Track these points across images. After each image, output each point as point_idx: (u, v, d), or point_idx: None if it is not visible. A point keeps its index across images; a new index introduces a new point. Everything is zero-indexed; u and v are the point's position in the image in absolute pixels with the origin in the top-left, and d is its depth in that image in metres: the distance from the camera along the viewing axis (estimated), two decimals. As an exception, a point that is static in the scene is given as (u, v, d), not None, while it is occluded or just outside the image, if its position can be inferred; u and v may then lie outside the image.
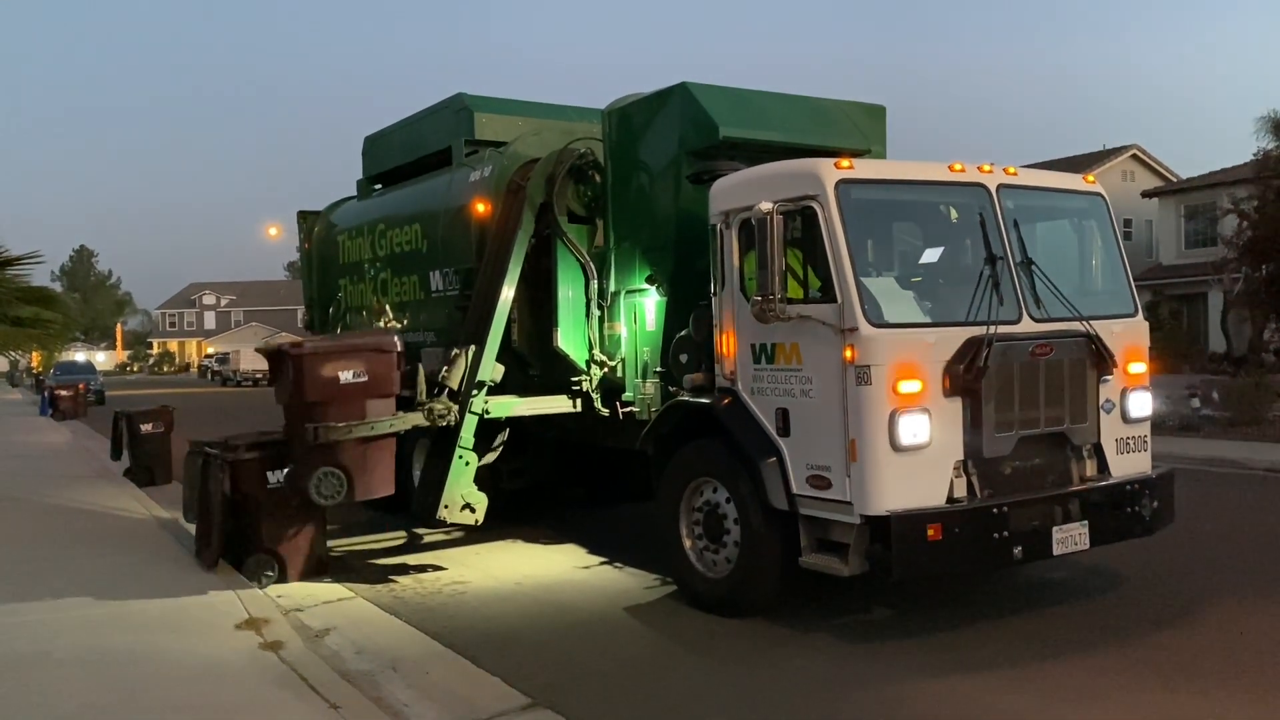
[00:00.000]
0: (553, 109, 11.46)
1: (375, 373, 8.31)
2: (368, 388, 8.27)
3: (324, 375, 8.15)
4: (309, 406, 8.17)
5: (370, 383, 8.27)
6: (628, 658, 6.74)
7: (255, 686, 5.86)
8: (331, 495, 8.17)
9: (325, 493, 8.14)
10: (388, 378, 8.45)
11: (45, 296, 14.98)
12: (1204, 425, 18.55)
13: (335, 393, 8.17)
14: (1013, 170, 7.42)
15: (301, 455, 8.23)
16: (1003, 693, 5.80)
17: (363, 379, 8.23)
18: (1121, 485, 7.25)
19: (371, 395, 8.32)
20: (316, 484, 8.12)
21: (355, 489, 8.27)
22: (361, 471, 8.29)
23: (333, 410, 8.17)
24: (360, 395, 8.26)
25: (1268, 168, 27.75)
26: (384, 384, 8.41)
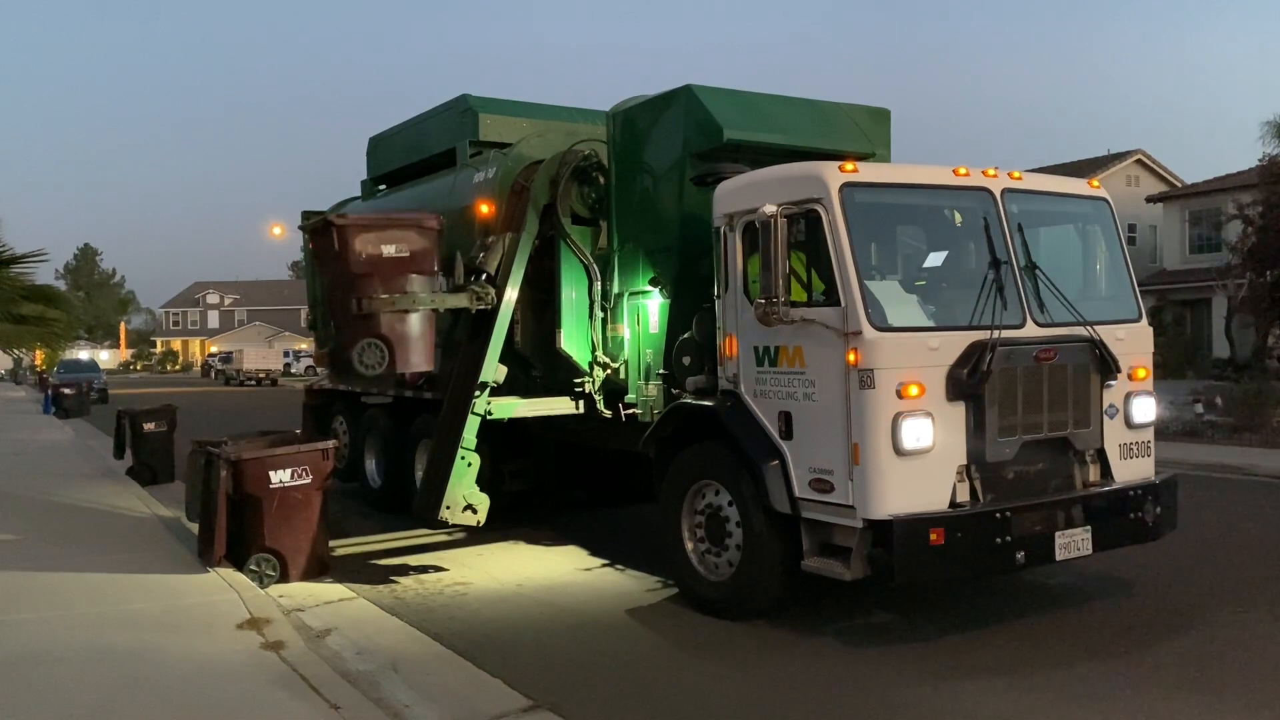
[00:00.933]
0: (557, 110, 11.46)
1: (417, 249, 8.59)
2: (409, 263, 8.55)
3: (368, 249, 8.38)
4: (353, 279, 8.40)
5: (411, 259, 8.55)
6: (629, 660, 6.73)
7: (256, 686, 5.86)
8: (374, 365, 8.44)
9: (368, 362, 8.39)
10: (429, 255, 8.75)
11: (49, 295, 14.99)
12: (1207, 431, 18.51)
13: (378, 266, 8.42)
14: (1017, 174, 7.41)
15: (346, 327, 8.47)
16: (1005, 697, 5.79)
17: (405, 254, 8.51)
18: (1125, 491, 7.23)
19: (412, 271, 8.60)
20: (360, 353, 8.37)
21: (395, 360, 8.54)
22: (402, 344, 8.57)
23: (375, 283, 8.43)
24: (402, 270, 8.55)
25: (1273, 173, 27.73)
26: (425, 260, 8.72)
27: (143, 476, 14.54)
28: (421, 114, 12.22)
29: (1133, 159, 41.77)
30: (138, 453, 15.09)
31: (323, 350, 14.47)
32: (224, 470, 8.48)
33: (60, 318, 15.16)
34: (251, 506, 8.58)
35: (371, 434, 12.72)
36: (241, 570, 8.44)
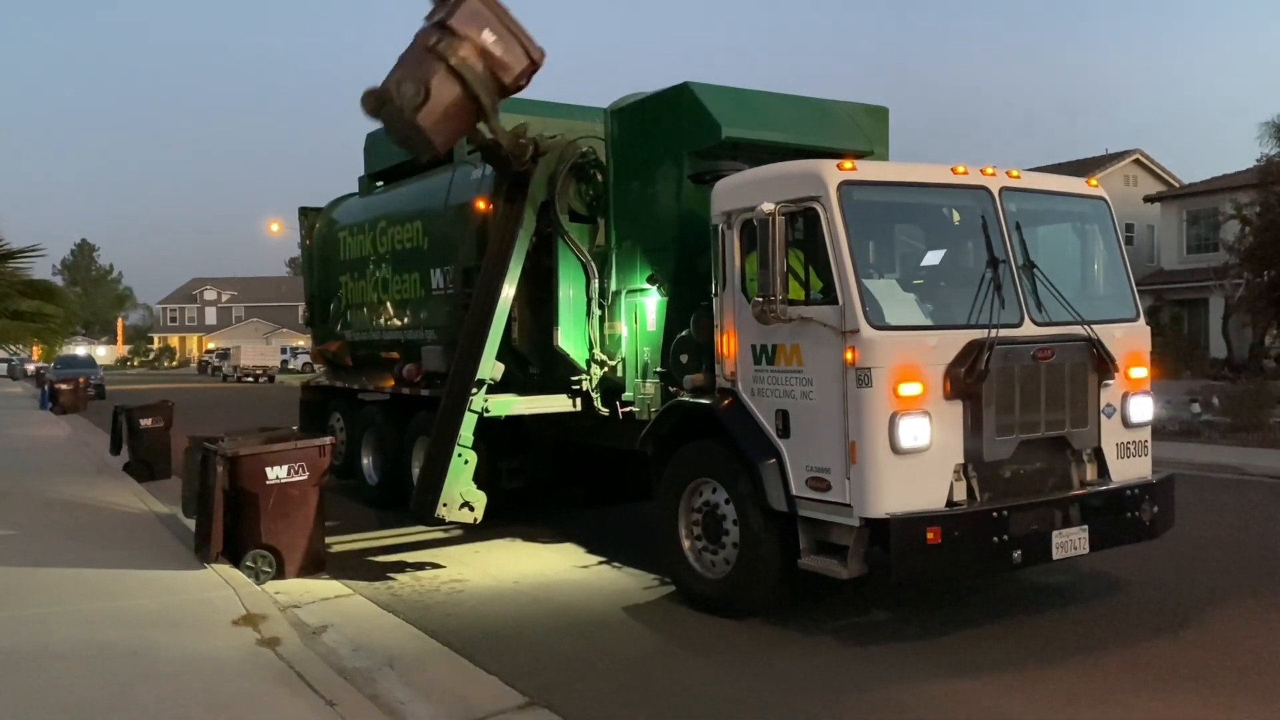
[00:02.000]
0: (555, 107, 11.43)
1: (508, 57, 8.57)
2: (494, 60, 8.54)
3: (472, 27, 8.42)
4: (444, 26, 8.41)
5: (499, 59, 8.56)
6: (625, 657, 6.73)
7: (252, 683, 5.85)
8: (409, 97, 8.36)
9: (405, 92, 8.37)
10: (513, 69, 8.66)
11: (46, 290, 15.00)
12: (1204, 430, 18.54)
13: (470, 40, 8.44)
14: (1015, 173, 7.41)
15: (404, 64, 8.48)
16: (1001, 696, 5.79)
17: (496, 52, 8.53)
18: (1122, 490, 7.24)
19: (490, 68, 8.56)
20: (399, 81, 8.39)
21: (424, 109, 8.42)
22: (438, 103, 8.46)
23: (462, 47, 8.43)
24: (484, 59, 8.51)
25: (1271, 174, 27.76)
26: (507, 70, 8.63)
27: (139, 472, 14.54)
28: (419, 111, 12.16)
29: (1131, 159, 41.81)
30: (134, 449, 15.09)
31: (319, 346, 14.48)
32: (221, 466, 8.47)
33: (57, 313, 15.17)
34: (248, 503, 8.57)
35: (368, 431, 12.71)
36: (238, 566, 8.44)
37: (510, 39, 8.64)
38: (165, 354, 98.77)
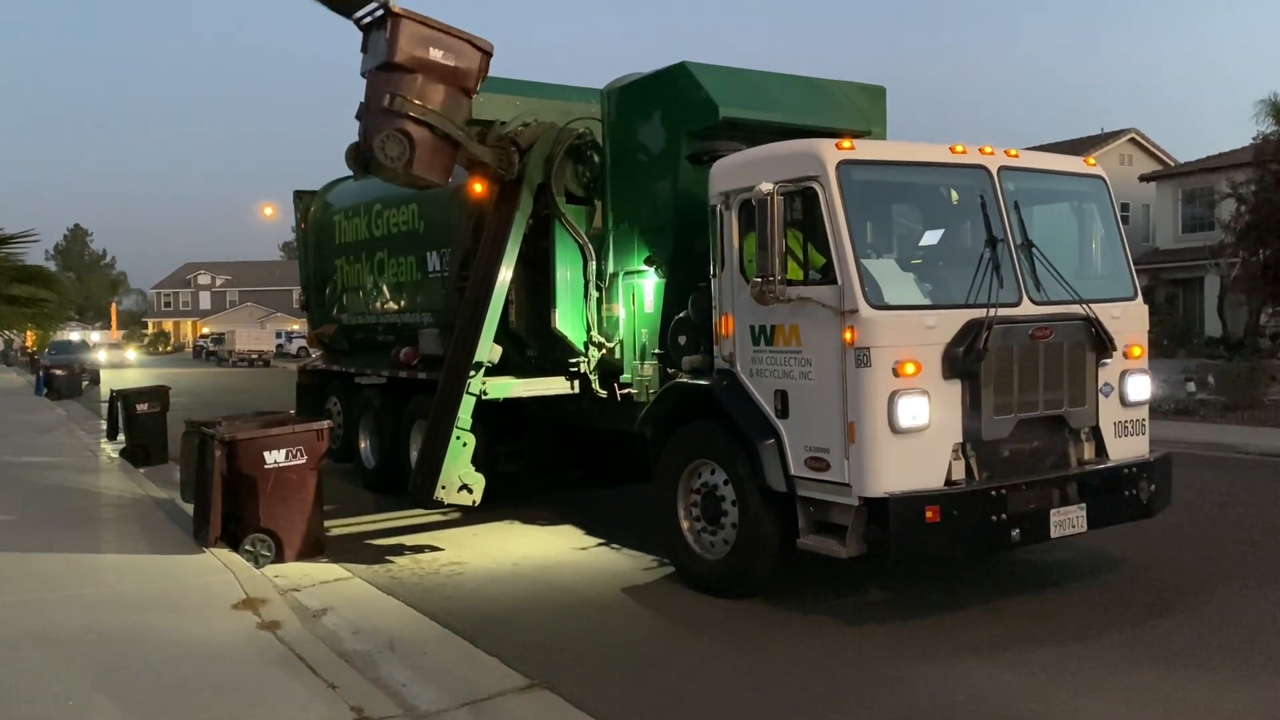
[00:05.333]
0: (551, 88, 11.35)
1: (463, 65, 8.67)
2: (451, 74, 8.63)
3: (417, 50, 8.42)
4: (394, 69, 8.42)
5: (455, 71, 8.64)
6: (625, 638, 6.75)
7: (253, 666, 5.86)
8: (395, 157, 8.48)
9: (390, 152, 8.46)
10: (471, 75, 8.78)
11: (40, 275, 14.87)
12: (1200, 409, 18.59)
13: (422, 66, 8.46)
14: (1014, 152, 7.39)
15: (376, 117, 8.53)
16: (1000, 674, 5.81)
17: (450, 63, 8.58)
18: (1119, 468, 7.26)
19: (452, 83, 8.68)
20: (382, 143, 8.44)
21: (415, 160, 8.57)
22: (424, 147, 8.62)
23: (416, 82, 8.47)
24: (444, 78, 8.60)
25: (1267, 152, 27.73)
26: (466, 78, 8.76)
27: (136, 458, 14.52)
28: (414, 92, 12.10)
29: (1126, 138, 41.74)
30: (131, 434, 15.07)
31: (315, 330, 14.44)
32: (218, 451, 8.46)
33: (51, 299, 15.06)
34: (246, 487, 8.56)
35: (366, 414, 12.70)
36: (237, 551, 8.44)
37: (456, 43, 8.63)
38: (159, 339, 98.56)
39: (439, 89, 8.61)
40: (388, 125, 8.49)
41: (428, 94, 8.55)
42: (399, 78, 8.44)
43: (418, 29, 8.45)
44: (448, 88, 8.66)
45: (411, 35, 8.42)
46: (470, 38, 8.76)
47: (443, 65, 8.54)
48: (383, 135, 8.46)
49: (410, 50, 8.40)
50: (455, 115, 8.85)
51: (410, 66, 8.45)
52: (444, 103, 8.66)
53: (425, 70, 8.50)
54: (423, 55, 8.44)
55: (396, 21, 8.39)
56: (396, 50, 8.38)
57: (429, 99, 8.57)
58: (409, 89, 8.46)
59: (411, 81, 8.46)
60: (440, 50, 8.50)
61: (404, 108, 8.43)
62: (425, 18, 8.59)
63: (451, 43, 8.59)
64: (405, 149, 8.49)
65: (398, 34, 8.38)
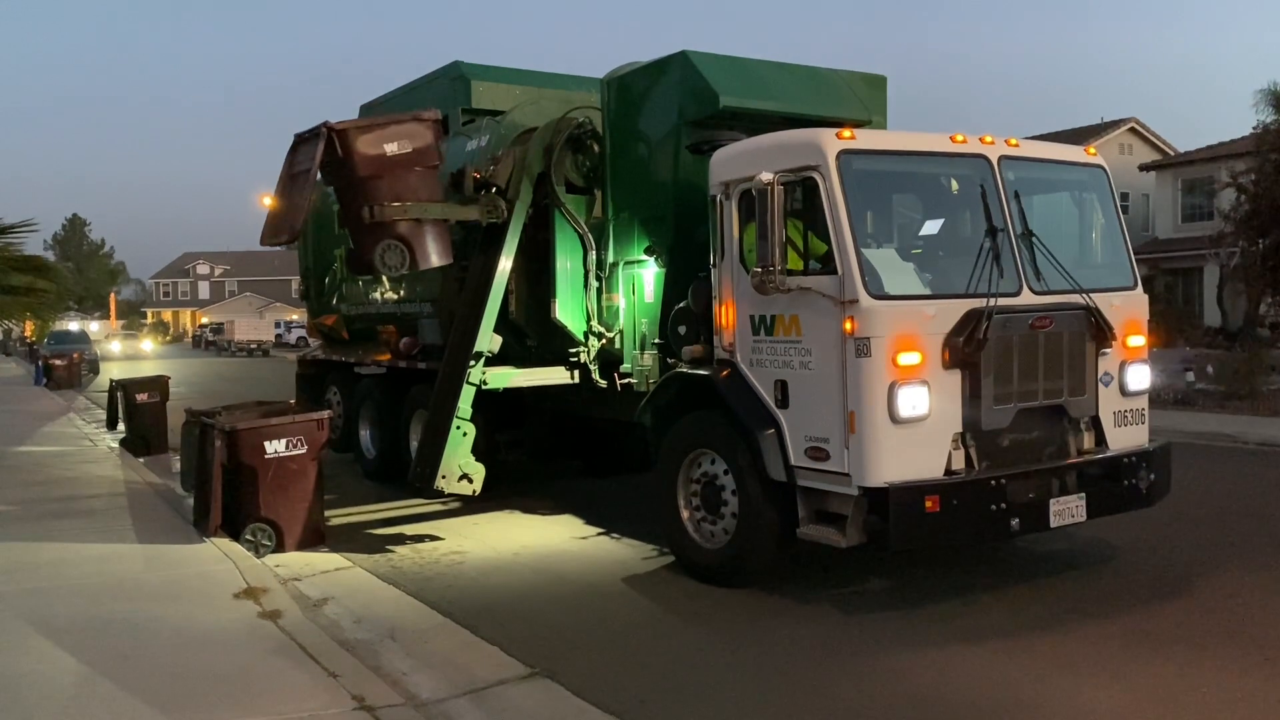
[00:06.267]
0: (551, 78, 11.36)
1: (420, 144, 8.61)
2: (414, 158, 8.57)
3: (371, 151, 8.37)
4: (361, 183, 8.40)
5: (415, 153, 8.58)
6: (625, 627, 6.76)
7: (254, 655, 5.87)
8: (396, 266, 8.54)
9: (390, 263, 8.49)
10: (432, 148, 8.75)
11: (39, 265, 14.87)
12: (1199, 399, 18.60)
13: (384, 166, 8.42)
14: (1014, 142, 7.37)
15: (362, 233, 8.52)
16: (998, 662, 5.83)
17: (408, 149, 8.52)
18: (1119, 458, 7.27)
19: (418, 165, 8.62)
20: (381, 256, 8.44)
21: (416, 259, 8.62)
22: (420, 241, 8.63)
23: (384, 183, 8.42)
24: (408, 165, 8.55)
25: (1267, 141, 27.68)
26: (429, 154, 8.72)
27: (136, 447, 14.53)
28: (413, 81, 12.10)
29: (1126, 127, 41.63)
30: (131, 423, 15.08)
31: (315, 320, 14.43)
32: (219, 441, 8.46)
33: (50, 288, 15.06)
34: (247, 477, 8.57)
35: (366, 404, 12.70)
36: (238, 540, 8.45)
37: (404, 128, 8.61)
38: (159, 329, 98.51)
39: (408, 177, 8.57)
40: (378, 238, 8.46)
41: (400, 189, 8.51)
42: (368, 188, 8.38)
43: (365, 136, 8.41)
44: (415, 171, 8.63)
45: (363, 144, 8.37)
46: (415, 116, 8.75)
47: (402, 156, 8.51)
48: (378, 251, 8.43)
49: (368, 156, 8.36)
50: (433, 193, 8.82)
51: (374, 173, 8.41)
52: (418, 188, 8.61)
53: (388, 169, 8.46)
54: (380, 156, 8.39)
55: (343, 137, 8.33)
56: (355, 165, 8.34)
57: (404, 193, 8.52)
58: (381, 195, 8.40)
59: (380, 186, 8.42)
60: (394, 143, 8.46)
61: (385, 215, 8.37)
62: (367, 120, 8.62)
63: (400, 130, 8.56)
64: (404, 254, 8.50)
65: (350, 149, 8.32)
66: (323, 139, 8.34)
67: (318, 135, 8.44)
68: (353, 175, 8.43)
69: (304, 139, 8.72)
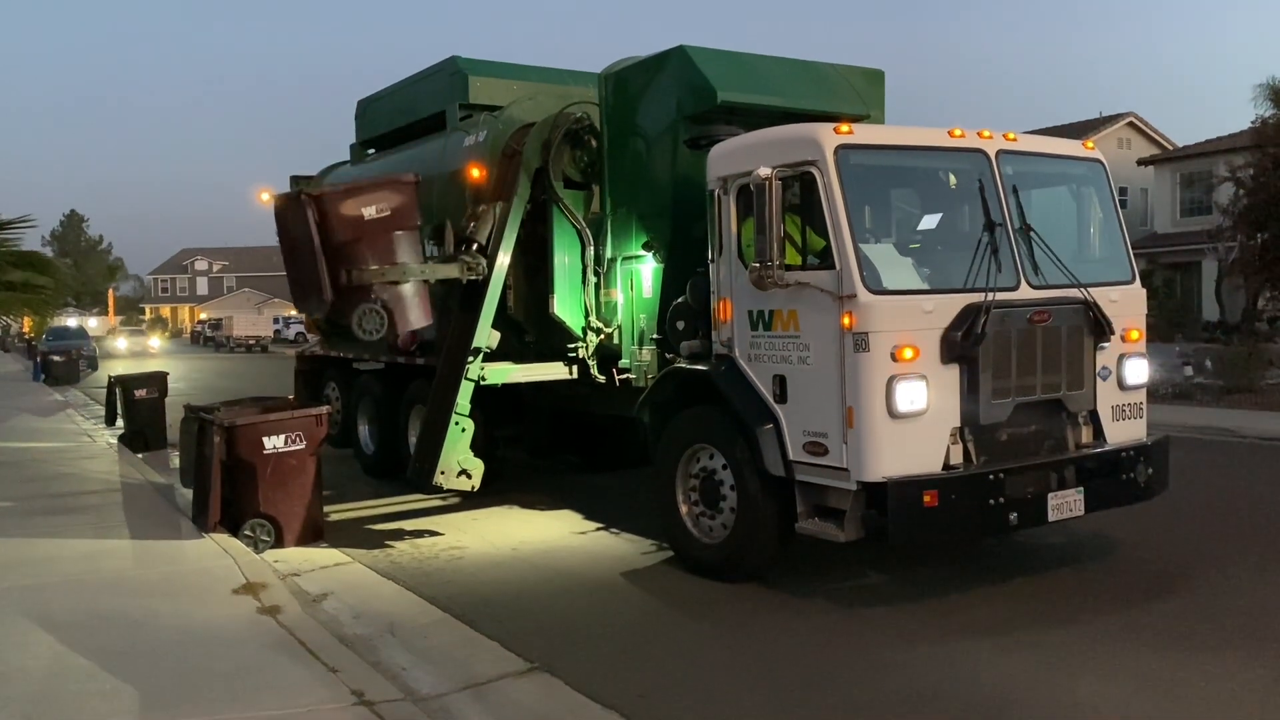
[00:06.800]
0: (548, 73, 11.34)
1: (397, 206, 8.54)
2: (392, 221, 8.50)
3: (348, 213, 8.31)
4: (340, 247, 8.33)
5: (394, 216, 8.51)
6: (624, 622, 6.77)
7: (253, 650, 5.88)
8: (375, 330, 8.47)
9: (368, 328, 8.43)
10: (411, 210, 8.69)
11: (37, 261, 14.90)
12: (1197, 393, 18.61)
13: (362, 230, 8.36)
14: (1012, 136, 7.37)
15: (341, 295, 8.43)
16: (997, 657, 5.84)
17: (386, 213, 8.44)
18: (1117, 452, 7.27)
19: (396, 228, 8.54)
20: (360, 320, 8.38)
21: (396, 322, 8.58)
22: (400, 305, 8.59)
23: (362, 248, 8.36)
24: (387, 229, 8.49)
25: (1265, 135, 27.67)
26: (407, 216, 8.66)
27: (134, 443, 14.53)
28: (411, 77, 12.08)
29: (1124, 121, 41.61)
30: (129, 419, 15.07)
31: (313, 317, 14.42)
32: (218, 436, 8.47)
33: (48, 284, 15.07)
34: (246, 472, 8.58)
35: (364, 400, 12.70)
36: (237, 536, 8.45)
37: (381, 191, 8.55)
38: (157, 325, 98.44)
39: (386, 240, 8.49)
40: (356, 302, 8.39)
41: (378, 252, 8.44)
42: (346, 252, 8.31)
43: (342, 200, 8.35)
44: (394, 233, 8.55)
45: (340, 208, 8.31)
46: (392, 179, 8.71)
47: (380, 219, 8.43)
48: (357, 315, 8.36)
49: (345, 220, 8.28)
50: (411, 253, 8.72)
51: (352, 238, 8.34)
52: (396, 249, 8.52)
53: (367, 233, 8.38)
54: (358, 219, 8.31)
55: (320, 203, 8.27)
56: (332, 230, 8.27)
57: (382, 256, 8.45)
58: (360, 259, 8.34)
59: (359, 251, 8.34)
60: (372, 207, 8.39)
61: (363, 280, 8.31)
62: (346, 186, 8.52)
63: (378, 194, 8.50)
64: (382, 318, 8.44)
65: (327, 215, 8.26)
66: (306, 206, 8.28)
67: (298, 200, 8.38)
68: (331, 239, 8.34)
69: (284, 201, 8.65)
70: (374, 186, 8.66)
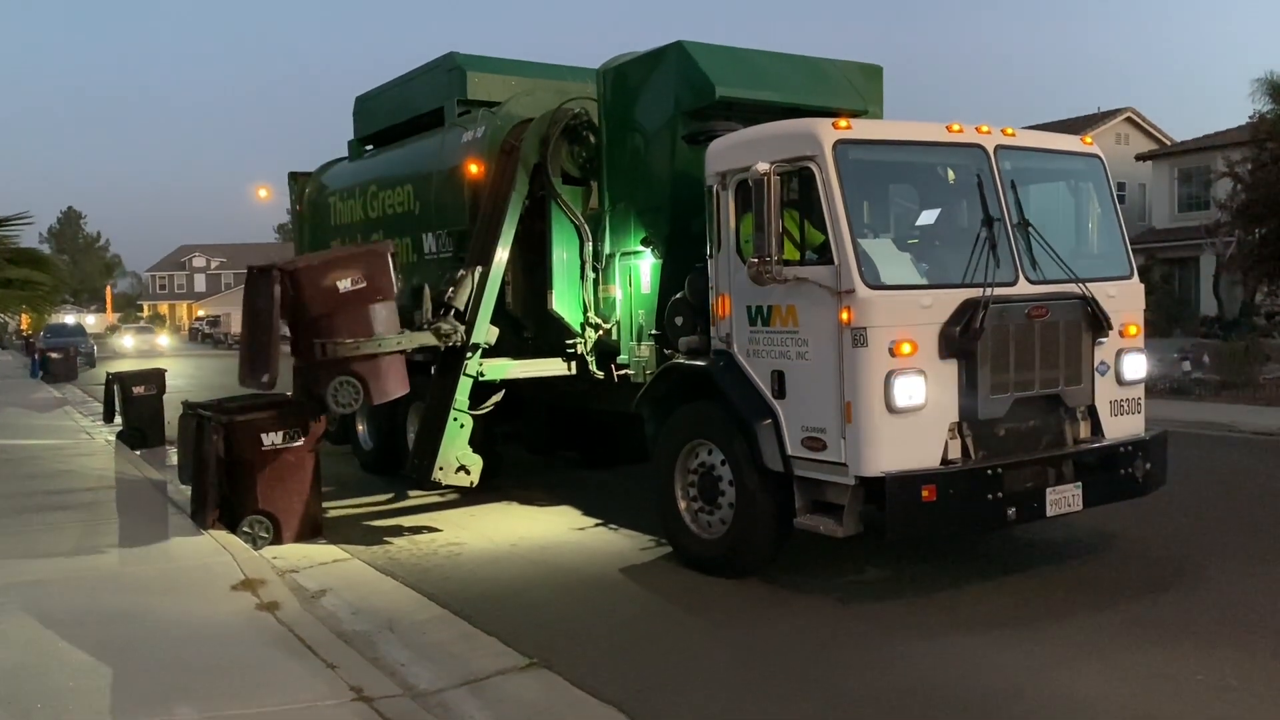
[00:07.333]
0: (546, 68, 11.34)
1: (372, 277, 8.40)
2: (368, 292, 8.36)
3: (323, 287, 8.20)
4: (314, 320, 8.22)
5: (370, 287, 8.36)
6: (623, 618, 6.78)
7: (252, 647, 5.88)
8: (349, 404, 8.34)
9: (342, 401, 8.31)
10: (386, 280, 8.56)
11: (35, 258, 14.92)
12: (1195, 388, 18.62)
13: (337, 303, 8.24)
14: (1010, 131, 7.36)
15: (314, 367, 8.31)
16: (996, 651, 5.85)
17: (361, 285, 8.31)
18: (1115, 447, 7.28)
19: (372, 300, 8.41)
20: (334, 393, 8.25)
21: (371, 395, 8.44)
22: (375, 377, 8.44)
23: (337, 320, 8.24)
24: (362, 300, 8.35)
25: (1263, 130, 27.67)
26: (384, 286, 8.52)
27: (133, 440, 14.52)
28: (409, 73, 12.07)
29: (1122, 117, 41.59)
30: (127, 416, 15.06)
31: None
32: (216, 433, 8.46)
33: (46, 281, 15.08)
34: (244, 469, 8.57)
35: (362, 396, 12.67)
36: (235, 532, 8.45)
37: (358, 262, 8.42)
38: (155, 321, 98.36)
39: (362, 311, 8.32)
40: (331, 374, 8.24)
41: (354, 325, 8.27)
42: (321, 325, 8.19)
43: (317, 274, 8.21)
44: (370, 305, 8.38)
45: (315, 282, 8.17)
46: (367, 250, 8.58)
47: (355, 291, 8.28)
48: (331, 388, 8.21)
49: (320, 293, 8.15)
50: (388, 323, 8.52)
51: (327, 311, 8.20)
52: (373, 321, 8.36)
53: (341, 306, 8.24)
54: (332, 292, 8.18)
55: (295, 277, 8.15)
56: (306, 304, 8.15)
57: (358, 329, 8.28)
58: (335, 332, 8.19)
59: (333, 324, 8.19)
60: (347, 279, 8.23)
61: (338, 354, 8.18)
62: (321, 258, 8.40)
63: (353, 266, 8.34)
64: (357, 390, 8.29)
65: (301, 289, 8.13)
66: (276, 280, 8.17)
67: (270, 274, 8.27)
68: (305, 313, 8.21)
69: (257, 273, 8.53)
70: (349, 259, 8.48)
